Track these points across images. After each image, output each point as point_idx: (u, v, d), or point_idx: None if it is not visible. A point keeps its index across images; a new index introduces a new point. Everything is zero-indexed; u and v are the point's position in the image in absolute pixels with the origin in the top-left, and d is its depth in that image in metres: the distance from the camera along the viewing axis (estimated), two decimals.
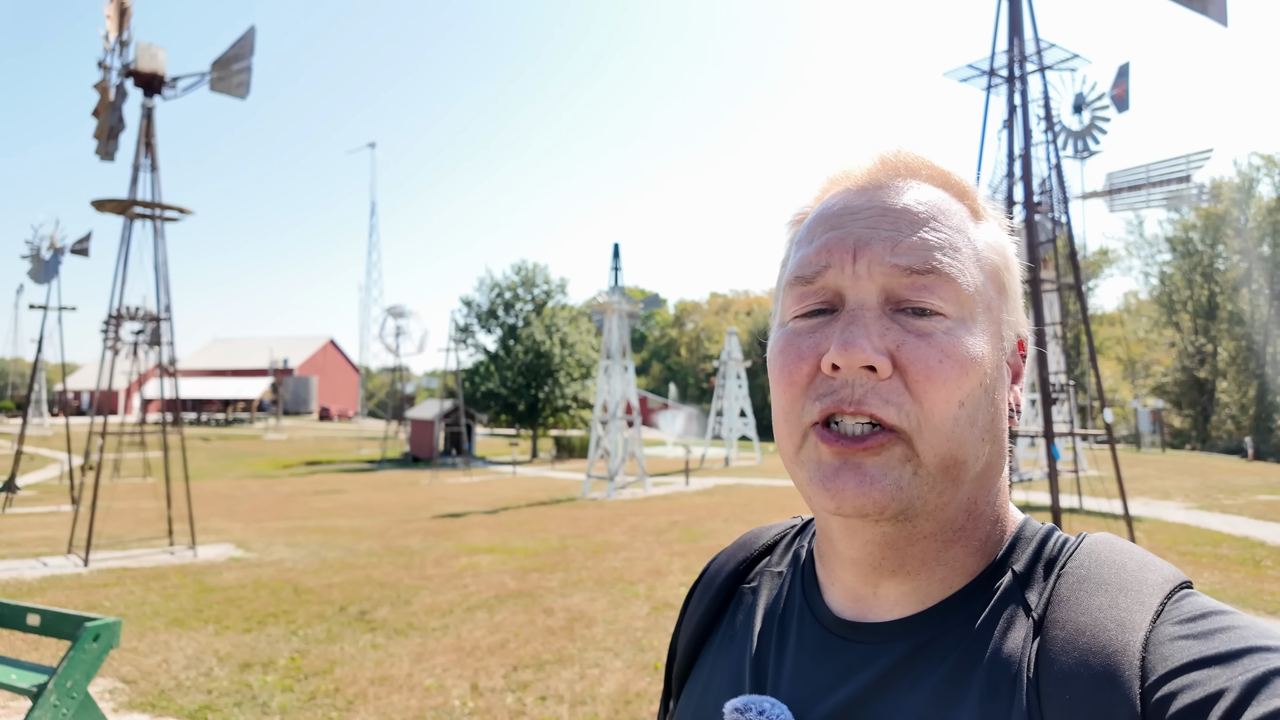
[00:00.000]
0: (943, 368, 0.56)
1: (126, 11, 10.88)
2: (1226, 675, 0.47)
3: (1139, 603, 0.53)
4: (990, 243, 0.63)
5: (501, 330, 39.00)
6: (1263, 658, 0.47)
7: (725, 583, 0.77)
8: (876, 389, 0.57)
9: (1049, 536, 0.62)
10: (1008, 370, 0.63)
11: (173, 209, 11.31)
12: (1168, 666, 0.49)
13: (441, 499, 19.27)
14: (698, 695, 0.71)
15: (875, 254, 0.59)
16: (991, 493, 0.62)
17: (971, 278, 0.60)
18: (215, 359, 72.92)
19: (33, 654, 5.97)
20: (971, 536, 0.61)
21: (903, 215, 0.60)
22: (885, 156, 0.64)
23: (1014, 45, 8.27)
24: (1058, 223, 9.38)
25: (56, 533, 12.82)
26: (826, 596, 0.67)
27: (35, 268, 17.15)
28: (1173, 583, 0.55)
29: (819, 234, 0.62)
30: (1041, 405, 8.42)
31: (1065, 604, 0.55)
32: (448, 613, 7.39)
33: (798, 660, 0.65)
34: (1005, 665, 0.55)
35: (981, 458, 0.59)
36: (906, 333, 0.57)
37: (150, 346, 11.41)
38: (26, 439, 27.20)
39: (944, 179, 0.64)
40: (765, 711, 0.60)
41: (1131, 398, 46.61)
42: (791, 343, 0.61)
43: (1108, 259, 51.12)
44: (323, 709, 5.02)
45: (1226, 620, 0.51)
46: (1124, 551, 0.58)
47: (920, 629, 0.59)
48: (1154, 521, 12.92)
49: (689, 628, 0.77)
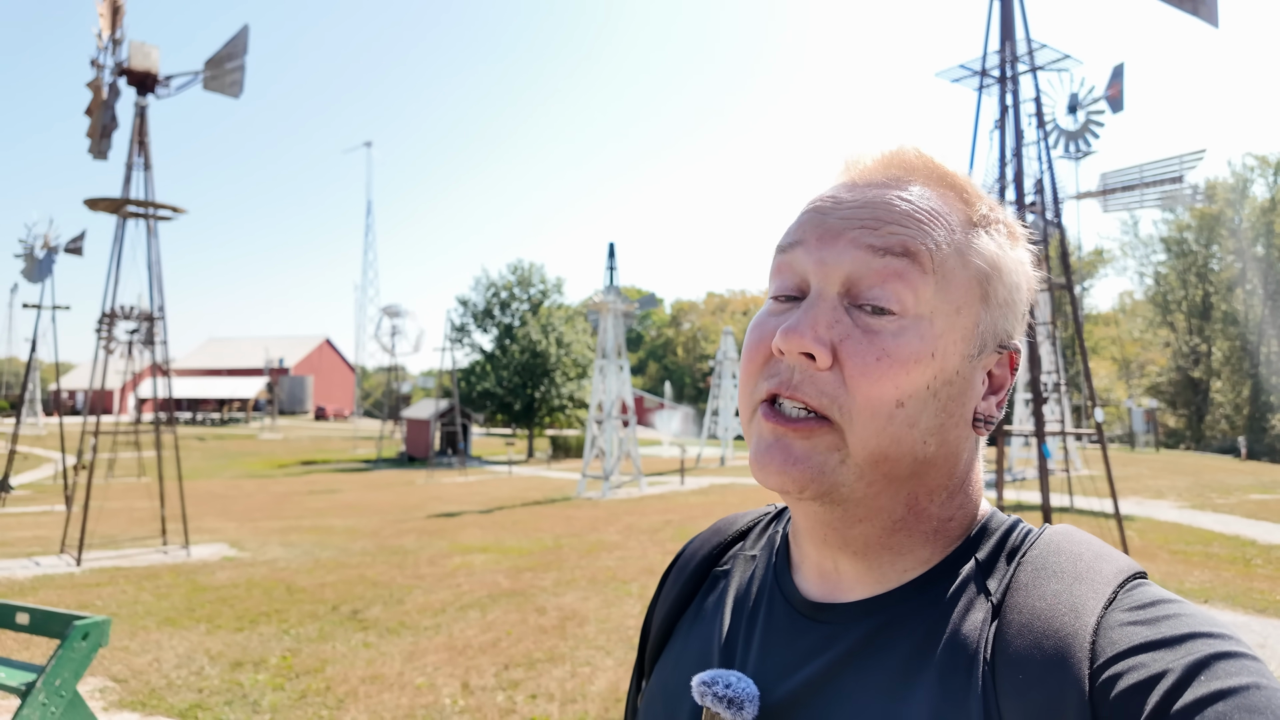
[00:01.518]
0: (879, 366, 0.58)
1: (119, 10, 10.86)
2: (1169, 658, 0.49)
3: (1093, 590, 0.55)
4: (980, 249, 0.62)
5: (497, 330, 38.96)
6: (1205, 643, 0.50)
7: (699, 565, 0.79)
8: (814, 377, 0.59)
9: (1013, 528, 0.64)
10: (984, 380, 0.63)
11: (166, 208, 11.29)
12: (1116, 650, 0.51)
13: (436, 498, 19.26)
14: (668, 672, 0.74)
15: (846, 240, 0.60)
16: (937, 490, 0.63)
17: (943, 274, 0.60)
18: (210, 358, 72.75)
19: (22, 653, 5.96)
20: (915, 529, 0.63)
21: (883, 208, 0.61)
22: (888, 154, 0.65)
23: (1005, 46, 8.30)
24: (1051, 223, 9.41)
25: (49, 532, 12.79)
26: (797, 577, 0.69)
27: (29, 267, 17.09)
28: (1126, 573, 0.57)
29: (803, 215, 0.65)
30: (1033, 405, 8.46)
31: (1023, 590, 0.57)
32: (440, 612, 7.40)
33: (766, 640, 0.67)
34: (964, 646, 0.57)
35: (921, 457, 0.60)
36: (855, 327, 0.59)
37: (144, 346, 11.39)
38: (20, 438, 27.12)
39: (944, 180, 0.64)
40: (732, 685, 0.62)
41: (1126, 397, 46.74)
42: (759, 324, 0.64)
43: (1102, 259, 51.24)
44: (313, 707, 5.03)
45: (1173, 609, 0.53)
46: (1082, 543, 0.61)
47: (883, 610, 0.62)
48: (1146, 520, 12.97)
49: (662, 608, 0.80)
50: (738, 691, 0.61)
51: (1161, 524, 12.70)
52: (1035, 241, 6.96)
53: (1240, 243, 45.20)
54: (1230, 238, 45.65)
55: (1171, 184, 17.97)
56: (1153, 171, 18.16)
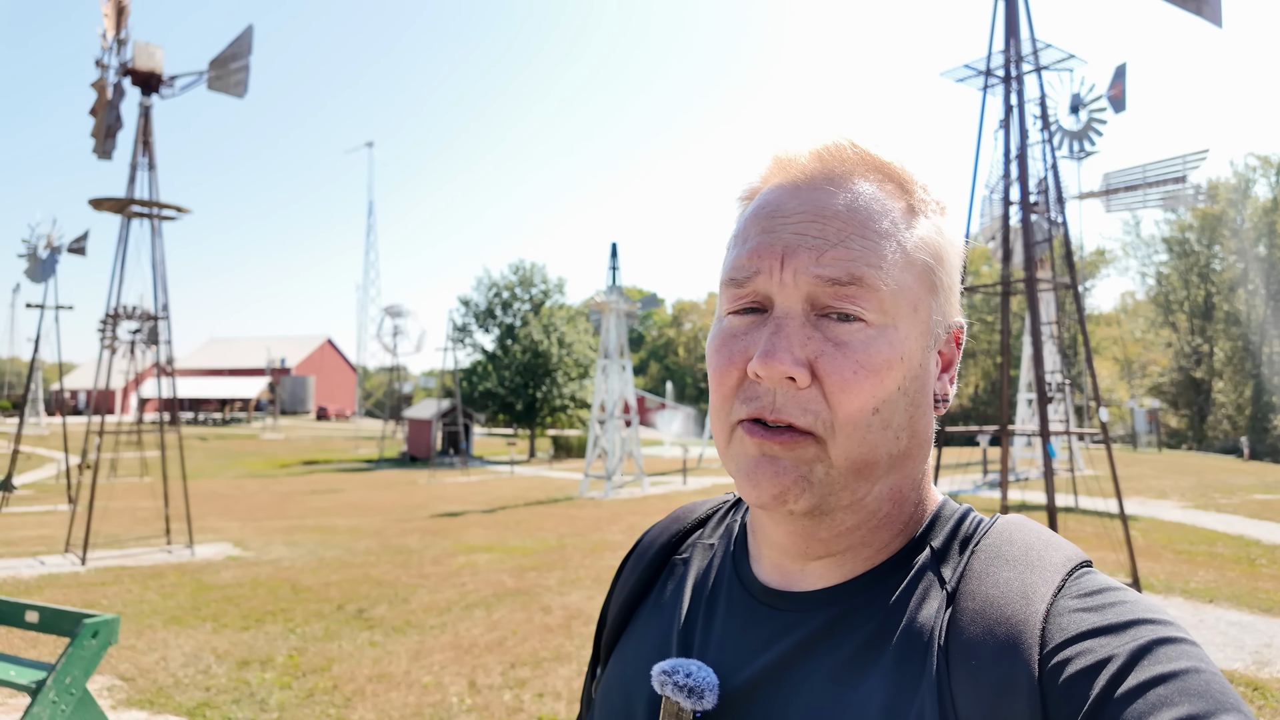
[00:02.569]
0: (857, 379, 0.59)
1: (124, 10, 10.87)
2: (1115, 644, 0.52)
3: (1043, 578, 0.57)
4: (923, 241, 0.63)
5: (499, 330, 38.96)
6: (1148, 629, 0.52)
7: (658, 554, 0.80)
8: (795, 398, 0.59)
9: (965, 516, 0.66)
10: (937, 361, 0.66)
11: (170, 208, 11.30)
12: (1064, 636, 0.53)
13: (439, 498, 19.26)
14: (625, 659, 0.74)
15: (801, 263, 0.60)
16: (913, 478, 0.65)
17: (896, 283, 0.61)
18: (212, 358, 72.81)
19: (30, 651, 5.97)
20: (895, 520, 0.65)
21: (831, 222, 0.61)
22: (823, 150, 0.65)
23: (1010, 45, 8.30)
24: (1054, 223, 9.40)
25: (54, 532, 12.80)
26: (756, 569, 0.70)
27: (32, 266, 17.11)
28: (1074, 561, 0.60)
29: (752, 235, 0.64)
30: (1038, 405, 8.45)
31: (976, 578, 0.59)
32: (445, 611, 7.40)
33: (725, 627, 0.68)
34: (919, 633, 0.59)
35: (896, 453, 0.62)
36: (826, 341, 0.60)
37: (147, 346, 11.40)
38: (23, 438, 27.14)
39: (884, 172, 0.64)
40: (692, 674, 0.62)
41: (1128, 398, 46.68)
42: (725, 344, 0.63)
43: (1104, 259, 51.20)
44: (321, 706, 5.04)
45: (1119, 596, 0.56)
46: (1033, 532, 0.63)
47: (841, 599, 0.63)
48: (1150, 520, 12.96)
49: (620, 596, 0.80)
50: (698, 681, 0.62)
51: (1165, 524, 12.69)
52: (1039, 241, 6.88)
53: (1242, 243, 45.15)
54: (1232, 238, 45.61)
55: (1174, 184, 17.96)
56: (1155, 171, 18.15)
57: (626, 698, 0.70)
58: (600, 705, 0.74)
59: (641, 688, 0.68)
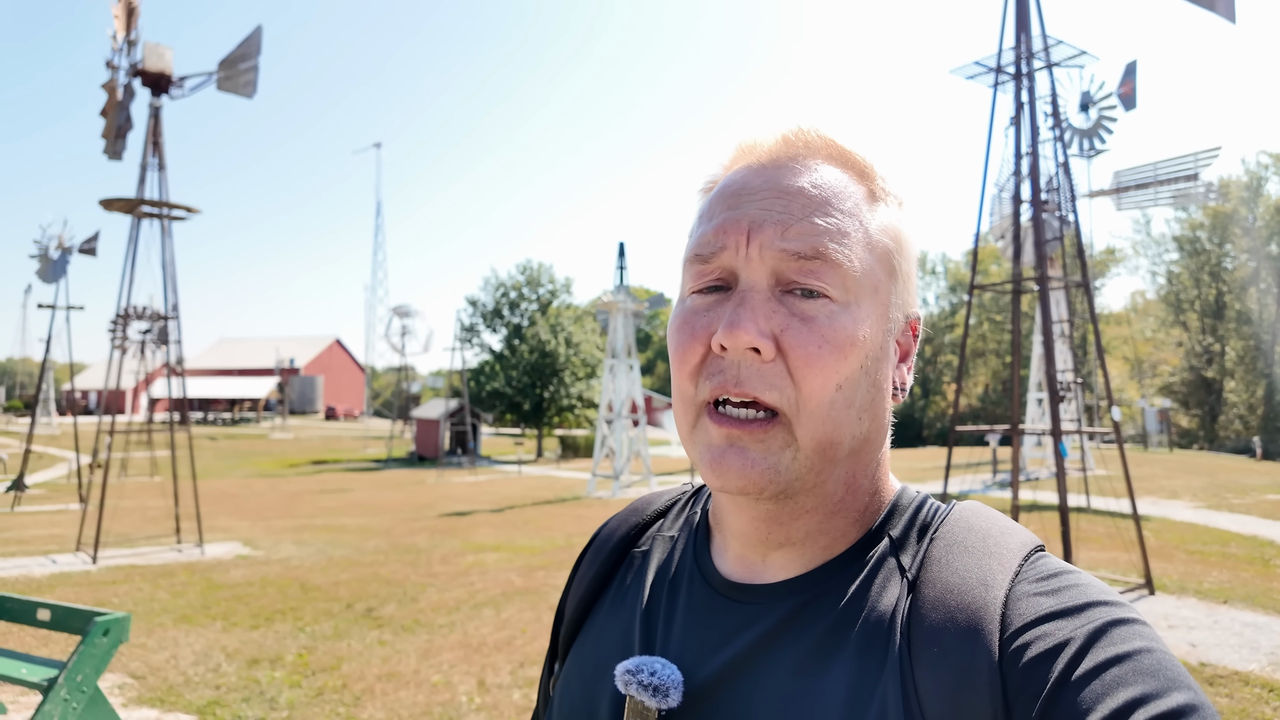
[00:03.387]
0: (821, 353, 0.59)
1: (134, 11, 10.92)
2: (1071, 626, 0.53)
3: (1000, 564, 0.58)
4: (884, 226, 0.64)
5: (507, 330, 39.03)
6: (1103, 610, 0.54)
7: (617, 546, 0.79)
8: (760, 371, 0.59)
9: (923, 505, 0.67)
10: (895, 349, 0.66)
11: (180, 208, 11.35)
12: (1023, 620, 0.55)
13: (447, 498, 19.30)
14: (585, 655, 0.72)
15: (766, 237, 0.60)
16: (870, 466, 0.65)
17: (859, 262, 0.61)
18: (222, 359, 73.17)
19: (42, 650, 6.00)
20: (850, 508, 0.65)
21: (796, 198, 0.62)
22: (788, 135, 0.66)
23: (1021, 42, 8.24)
24: (1065, 221, 9.34)
25: (65, 530, 12.87)
26: (718, 560, 0.69)
27: (43, 267, 17.21)
28: (1029, 546, 0.61)
29: (718, 213, 0.64)
30: (1049, 404, 8.40)
31: (936, 565, 0.60)
32: (454, 610, 7.40)
33: (686, 621, 0.67)
34: (880, 621, 0.59)
35: (858, 435, 0.62)
36: (792, 316, 0.60)
37: (157, 346, 11.45)
38: (35, 438, 27.34)
39: (845, 159, 0.65)
40: (657, 672, 0.61)
41: (1139, 397, 46.39)
42: (687, 322, 0.63)
43: (1115, 258, 50.89)
44: (330, 704, 5.04)
45: (1073, 579, 0.57)
46: (989, 519, 0.64)
47: (803, 590, 0.63)
48: (1162, 520, 12.87)
49: (578, 590, 0.79)
50: (662, 679, 0.61)
51: (1177, 524, 12.60)
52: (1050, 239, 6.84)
53: (1254, 241, 44.82)
54: (1244, 236, 45.27)
55: (1186, 182, 17.83)
56: (1167, 169, 18.02)
57: (588, 692, 0.69)
58: (560, 702, 0.72)
59: (603, 685, 0.67)
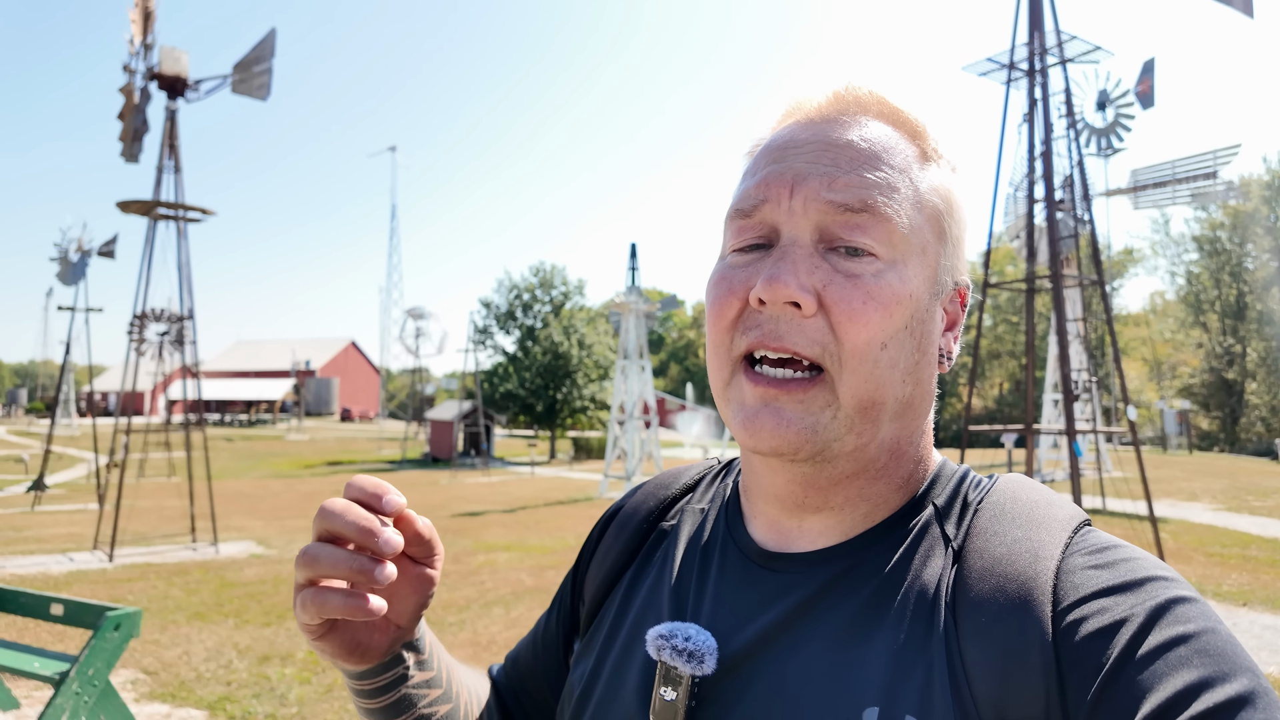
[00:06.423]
0: (866, 309, 0.57)
1: (150, 16, 11.05)
2: (1130, 602, 0.51)
3: (1050, 535, 0.57)
4: (935, 186, 0.63)
5: (520, 331, 39.11)
6: (1162, 586, 0.52)
7: (644, 520, 0.77)
8: (800, 326, 0.57)
9: (966, 475, 0.66)
10: (943, 316, 0.64)
11: (196, 210, 11.46)
12: (1079, 594, 0.53)
13: (460, 498, 19.36)
14: (609, 627, 0.71)
15: (811, 189, 0.59)
16: (914, 433, 0.64)
17: (908, 219, 0.59)
18: (239, 361, 73.84)
19: (56, 645, 6.06)
20: (894, 474, 0.63)
21: (844, 151, 0.60)
22: (839, 91, 0.64)
23: (1034, 38, 8.16)
24: (1080, 220, 9.23)
25: (83, 529, 13.02)
26: (750, 529, 0.68)
27: (63, 270, 17.44)
28: (1077, 519, 0.59)
29: (761, 167, 0.63)
30: (1064, 403, 8.31)
31: (983, 535, 0.58)
32: (464, 609, 7.42)
33: (720, 590, 0.65)
34: (924, 591, 0.57)
35: (901, 399, 0.60)
36: (835, 272, 0.58)
37: (175, 347, 11.56)
38: (55, 439, 27.69)
39: (896, 117, 0.64)
40: (691, 637, 0.60)
41: (1158, 399, 45.84)
42: (725, 276, 0.61)
43: (1133, 259, 50.31)
44: (339, 701, 5.06)
45: (1126, 552, 0.56)
46: (1035, 490, 0.63)
47: (841, 558, 0.61)
48: (1180, 523, 12.70)
49: (603, 563, 0.77)
50: (697, 644, 0.59)
51: (1196, 526, 12.43)
52: (1065, 238, 6.80)
53: (1276, 240, 44.17)
54: (1265, 236, 44.61)
55: (1205, 180, 17.60)
56: (1185, 167, 17.80)
57: (616, 666, 0.68)
58: (585, 676, 0.71)
59: (632, 656, 0.66)
